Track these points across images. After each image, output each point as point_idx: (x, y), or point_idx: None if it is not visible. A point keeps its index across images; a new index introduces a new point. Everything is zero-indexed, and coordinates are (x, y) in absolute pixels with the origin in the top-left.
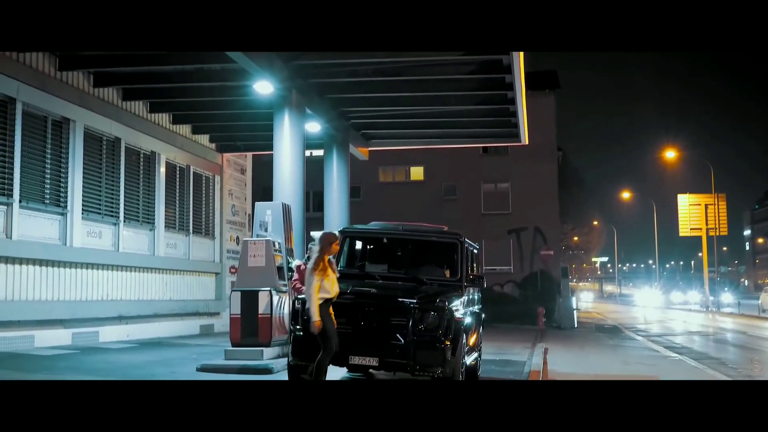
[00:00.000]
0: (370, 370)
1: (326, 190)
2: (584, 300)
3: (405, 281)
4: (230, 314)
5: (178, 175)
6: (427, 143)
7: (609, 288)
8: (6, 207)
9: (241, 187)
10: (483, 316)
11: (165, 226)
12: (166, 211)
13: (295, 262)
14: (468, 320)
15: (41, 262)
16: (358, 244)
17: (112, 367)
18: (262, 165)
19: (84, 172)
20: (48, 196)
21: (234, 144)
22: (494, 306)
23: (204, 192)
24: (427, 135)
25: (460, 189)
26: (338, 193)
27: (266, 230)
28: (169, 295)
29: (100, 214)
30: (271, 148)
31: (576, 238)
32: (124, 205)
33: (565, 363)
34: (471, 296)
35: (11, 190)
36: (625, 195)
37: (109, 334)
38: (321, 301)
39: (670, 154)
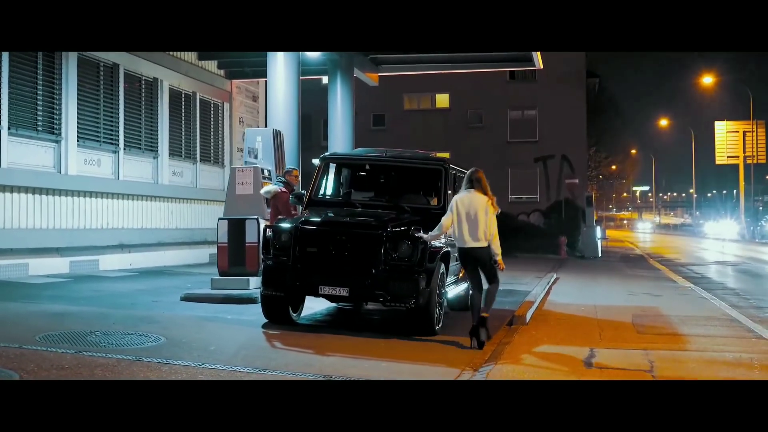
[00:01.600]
0: (364, 304)
1: (330, 118)
2: (641, 230)
3: (386, 209)
4: (218, 243)
5: (183, 102)
6: (439, 68)
7: (665, 219)
8: None
9: (254, 114)
10: None
11: (170, 154)
12: (170, 138)
13: (271, 188)
14: (448, 249)
15: (34, 190)
16: (346, 172)
17: (98, 296)
18: None
19: (79, 99)
20: (40, 124)
21: (243, 70)
22: (519, 236)
23: (212, 120)
24: (438, 59)
25: (486, 116)
26: (342, 121)
27: (256, 157)
28: (174, 223)
29: (98, 141)
30: None
31: (614, 167)
32: (125, 132)
33: (569, 294)
34: None
35: None
36: (663, 123)
37: (110, 262)
38: None
39: (708, 80)
